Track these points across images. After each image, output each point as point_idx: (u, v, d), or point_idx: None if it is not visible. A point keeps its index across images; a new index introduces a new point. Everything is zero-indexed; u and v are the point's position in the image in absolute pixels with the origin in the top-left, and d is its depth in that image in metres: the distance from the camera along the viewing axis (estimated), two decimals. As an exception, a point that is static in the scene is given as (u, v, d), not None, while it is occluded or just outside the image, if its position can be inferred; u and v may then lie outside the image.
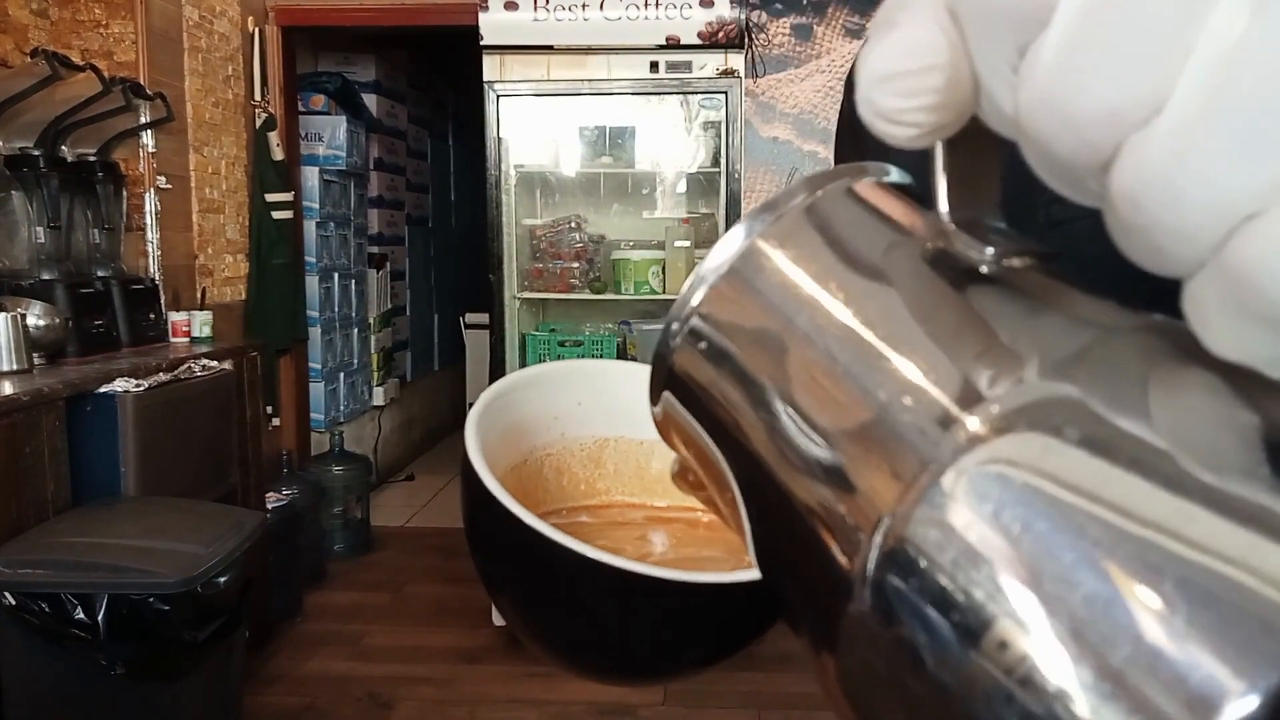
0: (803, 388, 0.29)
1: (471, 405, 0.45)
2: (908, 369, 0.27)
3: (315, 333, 4.56)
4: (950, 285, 0.28)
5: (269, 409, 3.68)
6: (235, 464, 3.01)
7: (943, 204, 0.29)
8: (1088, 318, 0.27)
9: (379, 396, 5.28)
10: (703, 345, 0.31)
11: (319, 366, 4.59)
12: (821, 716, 2.82)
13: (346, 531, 4.18)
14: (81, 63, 2.88)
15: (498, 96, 3.16)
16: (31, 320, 2.48)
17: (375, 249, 5.30)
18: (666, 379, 0.32)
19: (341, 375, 4.82)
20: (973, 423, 0.24)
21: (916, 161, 0.30)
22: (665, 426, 0.33)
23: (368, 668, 3.13)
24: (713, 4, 3.03)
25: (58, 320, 2.56)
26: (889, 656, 0.25)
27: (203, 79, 3.62)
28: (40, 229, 2.70)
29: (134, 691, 2.04)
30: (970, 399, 0.25)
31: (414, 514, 4.88)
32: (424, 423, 6.14)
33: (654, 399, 0.33)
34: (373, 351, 5.23)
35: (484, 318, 4.13)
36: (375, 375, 5.27)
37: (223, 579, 2.13)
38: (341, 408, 4.82)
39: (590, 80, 3.11)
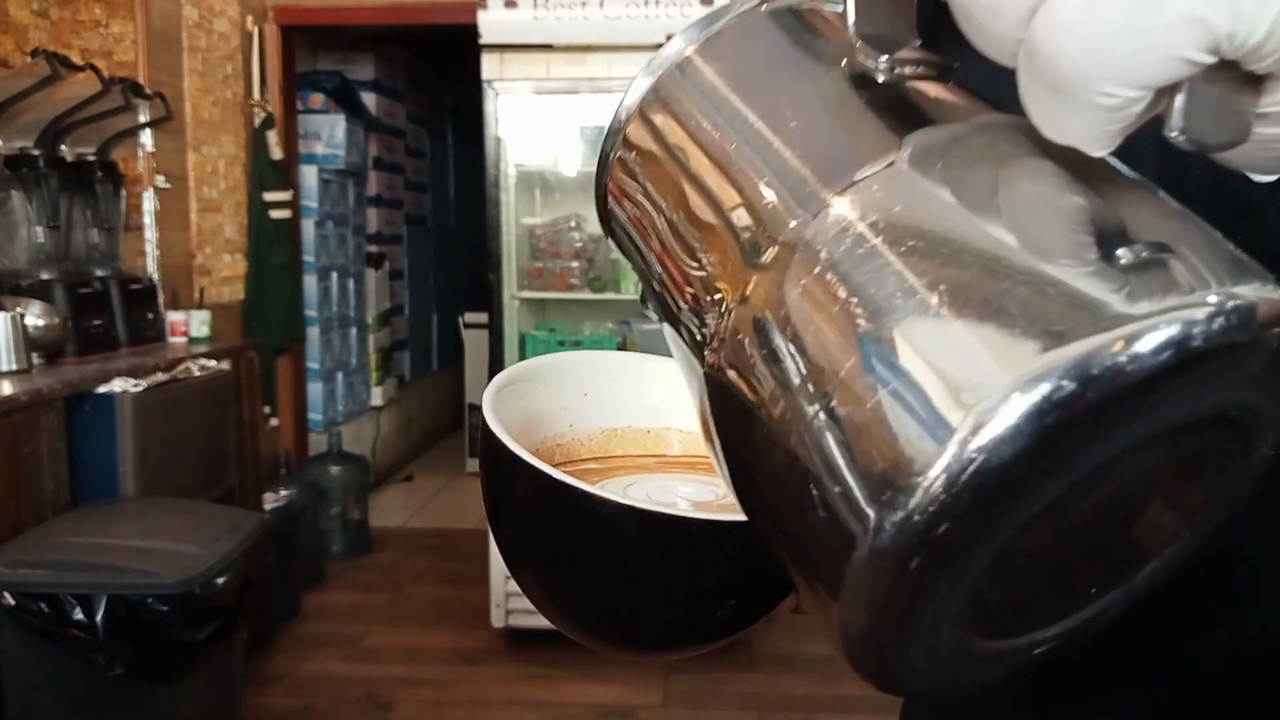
0: (705, 172, 0.34)
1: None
2: (788, 156, 0.32)
3: (313, 332, 4.56)
4: (842, 89, 0.33)
5: (267, 409, 3.68)
6: (233, 464, 3.00)
7: (851, 20, 0.32)
8: (964, 116, 0.31)
9: (377, 397, 5.27)
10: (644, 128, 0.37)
11: (317, 366, 4.59)
12: (822, 717, 2.83)
13: (345, 532, 4.17)
14: (81, 63, 2.87)
15: (497, 95, 3.16)
16: (30, 320, 2.47)
17: (374, 248, 5.30)
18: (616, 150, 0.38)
19: (340, 375, 4.82)
20: (833, 198, 0.30)
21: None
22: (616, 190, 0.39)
23: (366, 669, 3.12)
24: (713, 2, 3.03)
25: (56, 320, 2.56)
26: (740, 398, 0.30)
27: (202, 78, 3.61)
28: (39, 229, 2.69)
29: (133, 692, 2.03)
30: (839, 181, 0.30)
31: (413, 514, 4.88)
32: (422, 423, 6.14)
33: (600, 185, 0.39)
34: (371, 351, 5.22)
35: (483, 317, 4.13)
36: (373, 375, 5.26)
37: (221, 580, 2.13)
38: (339, 408, 4.81)
39: (590, 79, 3.10)
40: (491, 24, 3.05)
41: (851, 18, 0.32)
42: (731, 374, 0.31)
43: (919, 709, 0.58)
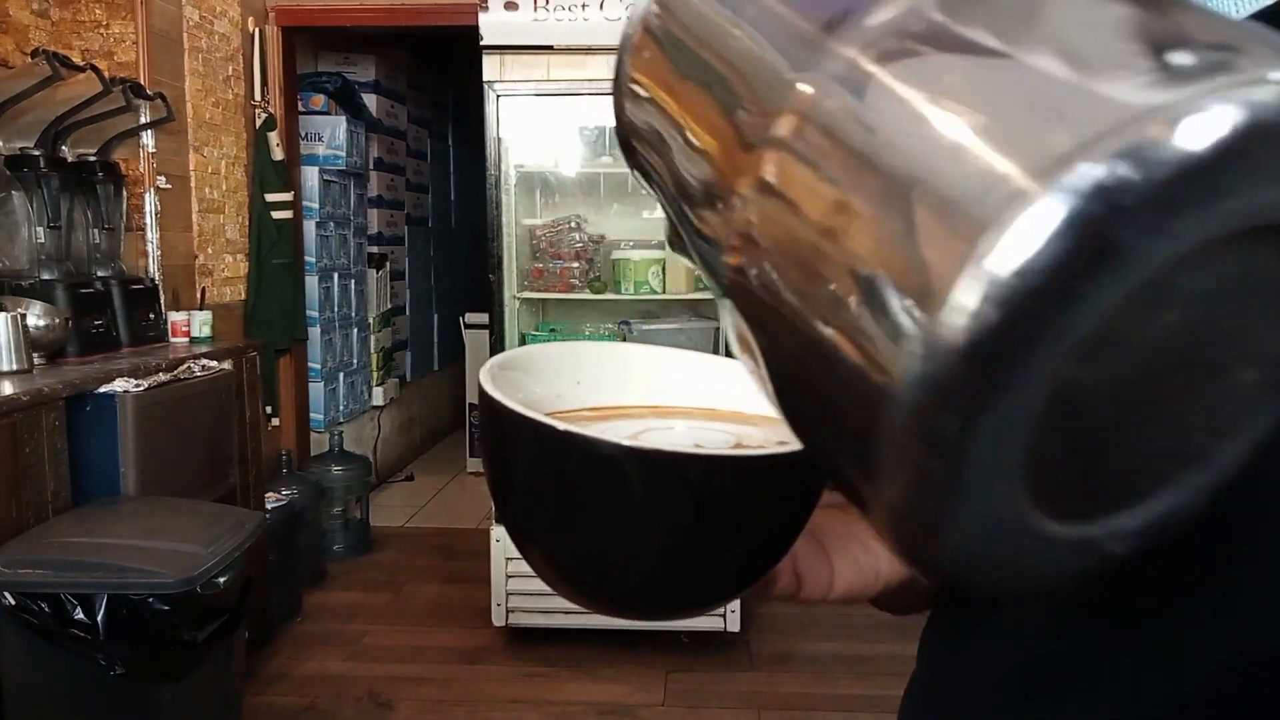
0: (703, 60, 0.33)
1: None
2: (784, 20, 0.31)
3: (315, 333, 4.56)
4: None
5: (268, 409, 3.68)
6: (235, 464, 3.01)
7: None
8: None
9: (378, 396, 5.27)
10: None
11: (318, 366, 4.59)
12: (821, 716, 2.83)
13: (346, 532, 4.18)
14: (82, 63, 2.88)
15: (498, 96, 3.16)
16: (31, 320, 2.48)
17: (375, 249, 5.30)
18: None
19: (341, 375, 4.82)
20: (835, 48, 0.28)
21: None
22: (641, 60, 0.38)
23: (368, 668, 3.13)
24: None
25: (58, 320, 2.56)
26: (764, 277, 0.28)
27: (203, 79, 3.62)
28: (40, 229, 2.70)
29: (134, 691, 2.03)
30: (841, 31, 0.28)
31: (413, 514, 4.88)
32: (423, 423, 6.14)
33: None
34: (372, 351, 5.23)
35: (484, 317, 4.13)
36: (375, 375, 5.27)
37: (222, 579, 2.13)
38: (341, 408, 4.82)
39: (590, 80, 3.10)
40: (492, 26, 3.06)
41: None
42: (753, 270, 0.29)
43: (919, 709, 0.58)
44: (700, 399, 0.47)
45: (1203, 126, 0.21)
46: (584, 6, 3.03)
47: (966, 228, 0.22)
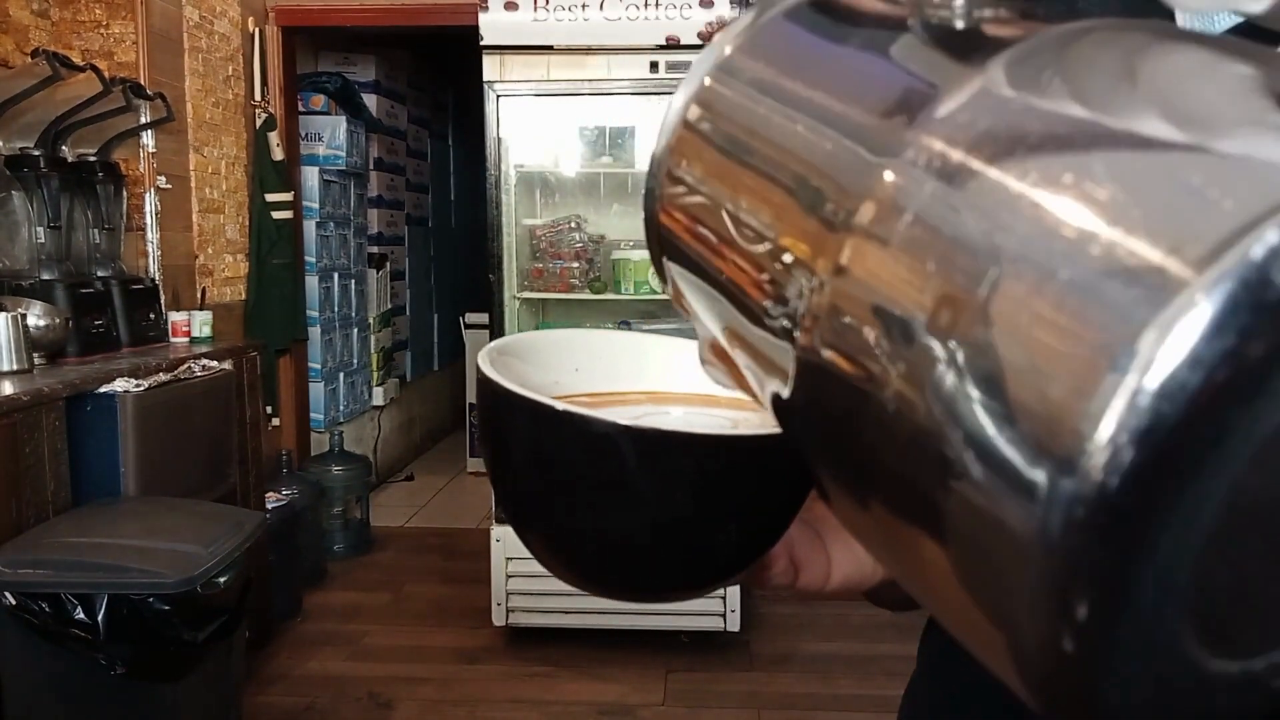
0: (767, 155, 0.32)
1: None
2: (856, 113, 0.29)
3: (315, 333, 4.56)
4: (909, 42, 0.30)
5: (269, 409, 3.68)
6: (235, 464, 3.01)
7: None
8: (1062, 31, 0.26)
9: (379, 396, 5.27)
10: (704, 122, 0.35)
11: (318, 366, 4.59)
12: (821, 716, 2.83)
13: (346, 532, 4.18)
14: (82, 63, 2.88)
15: (498, 96, 3.16)
16: (32, 320, 2.48)
17: (375, 249, 5.30)
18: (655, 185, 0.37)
19: (341, 375, 4.82)
20: (917, 137, 0.26)
21: None
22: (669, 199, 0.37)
23: (368, 668, 3.13)
24: (713, 4, 3.03)
25: (58, 320, 2.56)
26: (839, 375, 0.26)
27: (203, 79, 3.61)
28: (40, 229, 2.70)
29: (134, 691, 2.03)
30: (922, 119, 0.26)
31: (414, 514, 4.88)
32: (424, 423, 6.14)
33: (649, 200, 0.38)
34: (372, 351, 5.23)
35: (484, 318, 4.13)
36: (375, 375, 5.27)
37: (222, 579, 2.13)
38: (341, 408, 4.81)
39: (590, 80, 3.11)
40: (492, 26, 3.06)
41: None
42: (829, 352, 0.26)
43: (919, 709, 0.58)
44: (698, 386, 0.47)
45: None
46: (584, 6, 3.03)
47: (1107, 331, 0.19)
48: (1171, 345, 0.18)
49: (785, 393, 0.30)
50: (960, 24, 0.28)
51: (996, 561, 0.21)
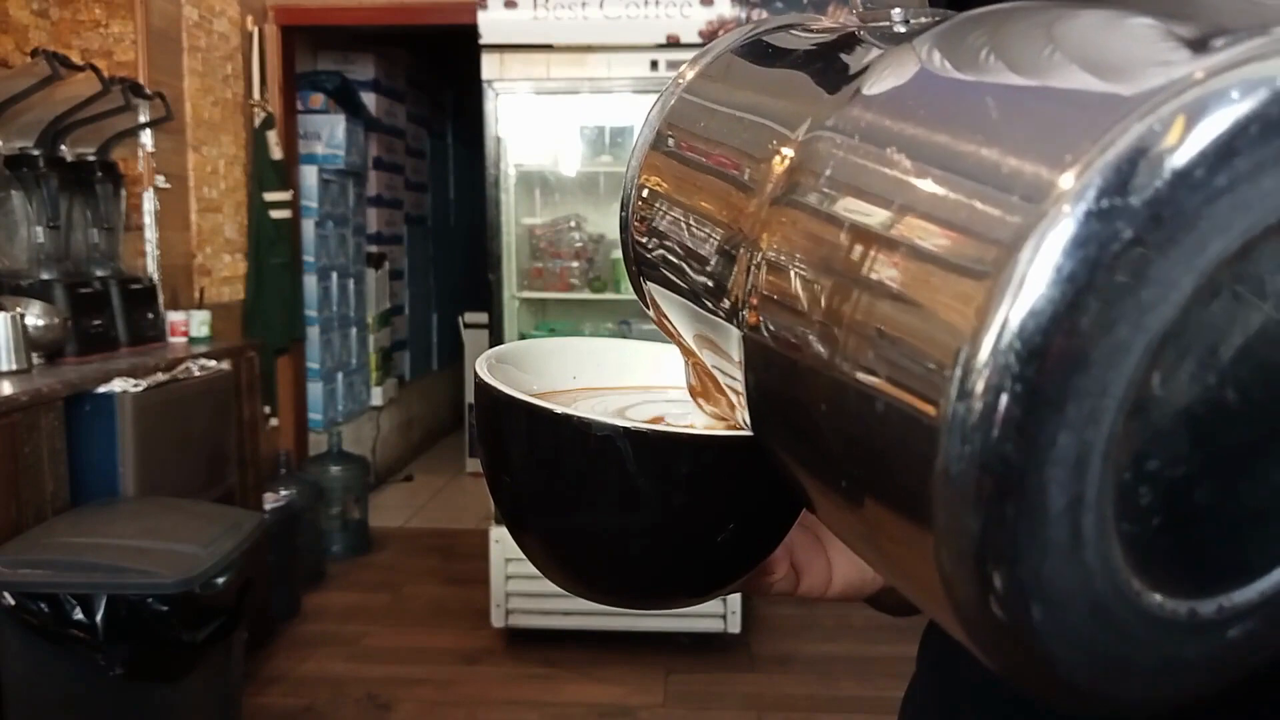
0: (711, 154, 0.35)
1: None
2: (785, 102, 0.32)
3: (313, 332, 4.56)
4: (849, 50, 0.33)
5: (267, 409, 3.68)
6: (233, 464, 3.00)
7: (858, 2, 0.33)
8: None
9: (377, 397, 5.27)
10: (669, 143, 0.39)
11: (317, 366, 4.59)
12: (822, 718, 2.83)
13: (345, 532, 4.17)
14: (81, 63, 2.87)
15: (497, 95, 3.16)
16: (30, 320, 2.47)
17: (374, 248, 5.30)
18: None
19: (340, 375, 4.82)
20: (838, 107, 0.28)
21: None
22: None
23: (367, 668, 3.12)
24: (713, 2, 3.03)
25: (56, 320, 2.56)
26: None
27: (202, 78, 3.61)
28: (39, 229, 2.69)
29: (133, 692, 2.03)
30: (843, 95, 0.29)
31: (413, 515, 4.88)
32: (423, 423, 6.13)
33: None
34: (371, 351, 5.22)
35: (483, 317, 4.13)
36: (373, 375, 5.26)
37: (221, 579, 2.13)
38: (339, 408, 4.81)
39: (590, 79, 3.10)
40: (491, 24, 3.05)
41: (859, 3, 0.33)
42: (770, 321, 0.28)
43: (919, 711, 0.58)
44: None
45: (1243, 89, 0.19)
46: (584, 5, 3.03)
47: (977, 251, 0.20)
48: (1045, 249, 0.19)
49: (739, 382, 0.32)
50: (901, 29, 0.31)
51: (921, 510, 0.21)
